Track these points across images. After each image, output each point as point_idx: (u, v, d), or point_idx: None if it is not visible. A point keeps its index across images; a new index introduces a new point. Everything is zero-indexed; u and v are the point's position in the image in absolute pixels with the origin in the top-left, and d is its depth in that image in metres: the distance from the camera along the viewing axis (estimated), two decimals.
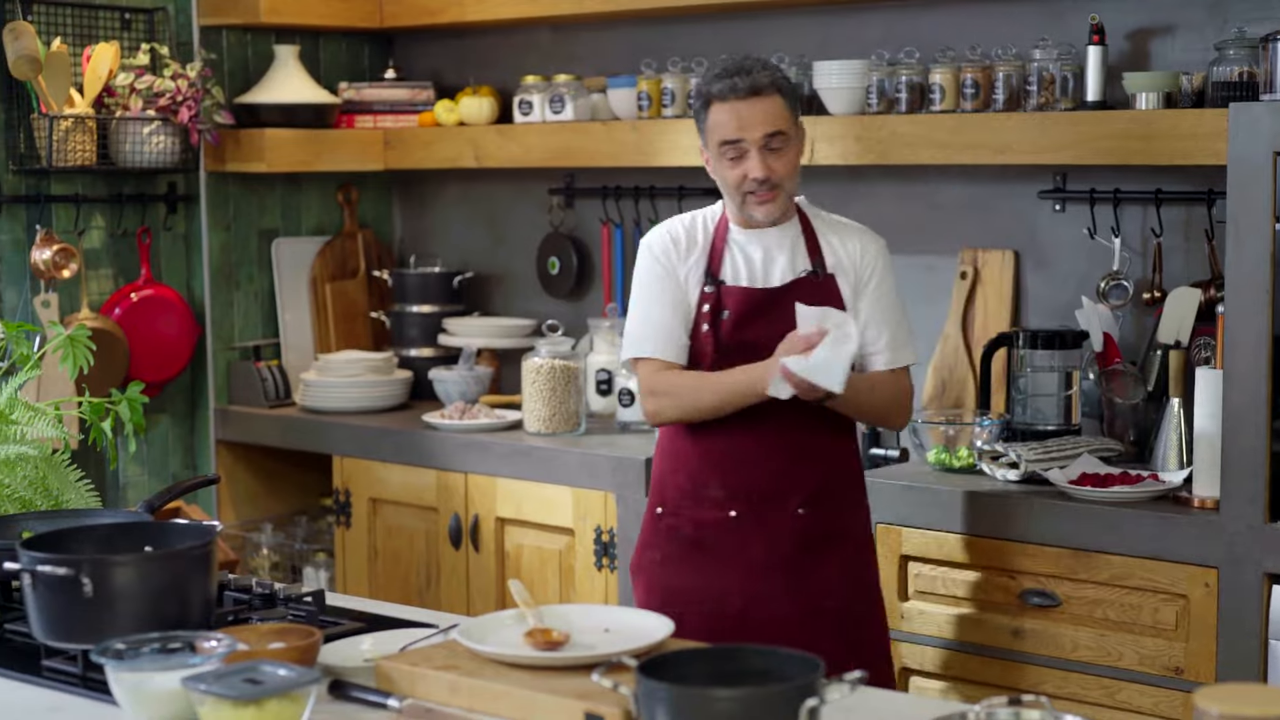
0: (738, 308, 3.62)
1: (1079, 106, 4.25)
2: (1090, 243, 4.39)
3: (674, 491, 3.67)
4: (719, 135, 3.58)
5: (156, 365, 5.32)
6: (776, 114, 3.58)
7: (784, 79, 3.63)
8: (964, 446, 4.14)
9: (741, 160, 3.58)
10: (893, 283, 3.71)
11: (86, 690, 2.53)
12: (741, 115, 3.57)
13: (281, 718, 2.24)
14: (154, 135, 5.17)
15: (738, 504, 3.60)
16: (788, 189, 3.61)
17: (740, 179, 3.58)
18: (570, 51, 5.43)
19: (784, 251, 3.65)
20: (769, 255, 3.65)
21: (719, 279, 3.64)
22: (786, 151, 3.59)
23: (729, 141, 3.57)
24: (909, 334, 3.74)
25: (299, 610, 2.91)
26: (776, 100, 3.59)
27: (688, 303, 3.66)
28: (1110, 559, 3.71)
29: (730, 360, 3.60)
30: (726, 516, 3.61)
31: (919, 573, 3.98)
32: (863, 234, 3.73)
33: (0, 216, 5.05)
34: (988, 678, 3.88)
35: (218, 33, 5.47)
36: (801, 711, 2.07)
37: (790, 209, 3.67)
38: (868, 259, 3.68)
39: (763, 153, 3.56)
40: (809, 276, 3.63)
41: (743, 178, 3.57)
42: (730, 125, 3.57)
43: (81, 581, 2.50)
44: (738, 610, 3.58)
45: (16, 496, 3.36)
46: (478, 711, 2.42)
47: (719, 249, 3.66)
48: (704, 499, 3.64)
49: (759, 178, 3.55)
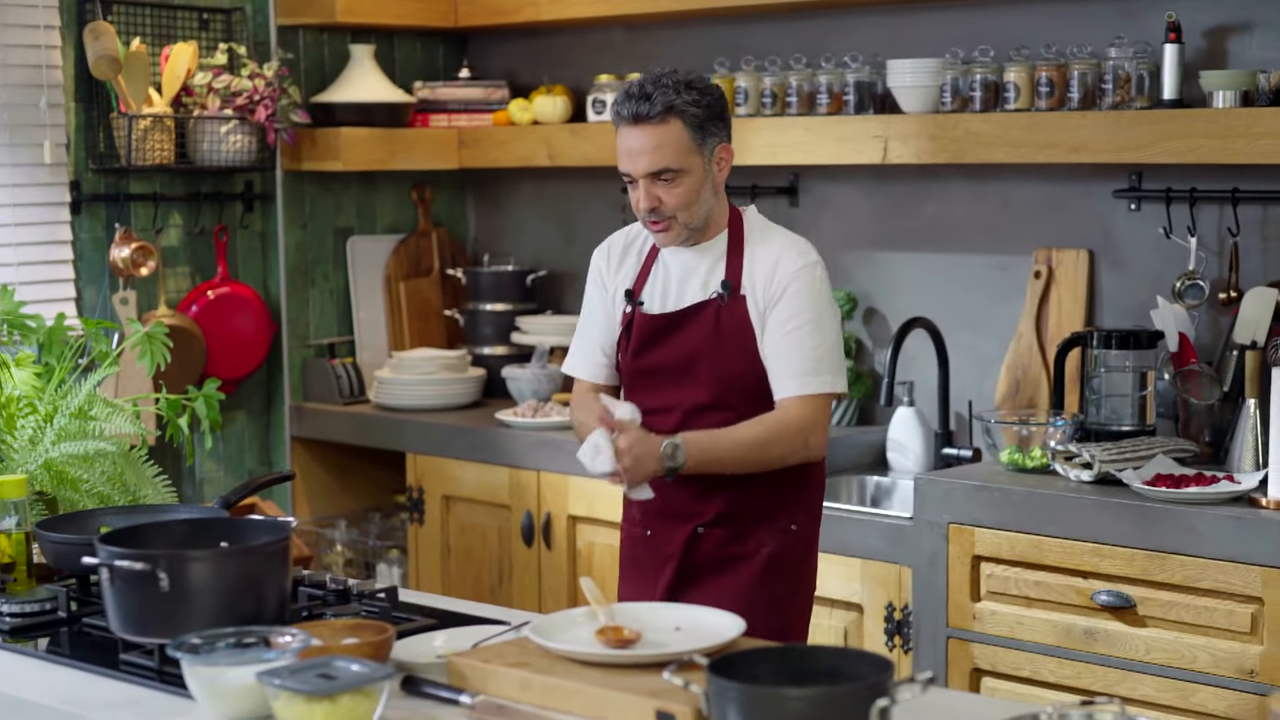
0: (640, 333, 3.47)
1: (1155, 105, 4.22)
2: (1166, 242, 4.36)
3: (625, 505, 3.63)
4: (619, 159, 3.42)
5: (233, 362, 5.37)
6: (666, 144, 3.33)
7: (687, 102, 3.34)
8: (1037, 447, 4.12)
9: (635, 187, 3.39)
10: (809, 302, 3.41)
11: (163, 684, 2.56)
12: (630, 145, 3.36)
13: (355, 713, 2.26)
14: (231, 134, 5.21)
15: (652, 522, 3.52)
16: (682, 219, 3.38)
17: (635, 205, 3.41)
18: (644, 50, 5.44)
19: (702, 271, 3.45)
20: (687, 274, 3.46)
21: (637, 299, 3.50)
22: (678, 183, 3.35)
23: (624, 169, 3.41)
24: (829, 360, 3.41)
25: (372, 606, 2.93)
26: (671, 128, 3.33)
27: (614, 319, 3.54)
28: (1185, 561, 3.68)
29: (635, 386, 3.50)
30: (644, 534, 3.54)
31: (991, 573, 3.96)
32: (786, 250, 3.45)
33: (80, 215, 5.10)
34: (1060, 679, 3.86)
35: (294, 32, 5.51)
36: (872, 711, 2.07)
37: (713, 228, 3.45)
38: (780, 277, 3.40)
39: (650, 182, 3.35)
40: (715, 299, 3.42)
41: (637, 204, 3.40)
42: (621, 153, 3.39)
43: (158, 576, 2.52)
44: None
45: (95, 492, 3.40)
46: (549, 709, 2.42)
47: (647, 266, 3.52)
48: (629, 516, 3.59)
49: (645, 209, 3.37)
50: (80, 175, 5.09)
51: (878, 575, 4.16)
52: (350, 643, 2.51)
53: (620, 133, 3.38)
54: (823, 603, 4.26)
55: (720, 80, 4.94)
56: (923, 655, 4.07)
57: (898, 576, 4.12)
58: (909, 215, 4.90)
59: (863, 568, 4.18)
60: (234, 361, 5.37)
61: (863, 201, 4.99)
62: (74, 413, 3.45)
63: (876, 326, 4.98)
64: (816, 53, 4.89)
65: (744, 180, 5.15)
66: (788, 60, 4.90)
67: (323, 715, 2.24)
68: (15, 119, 4.95)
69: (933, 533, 4.04)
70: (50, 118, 5.00)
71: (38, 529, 3.02)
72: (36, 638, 2.86)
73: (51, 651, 2.78)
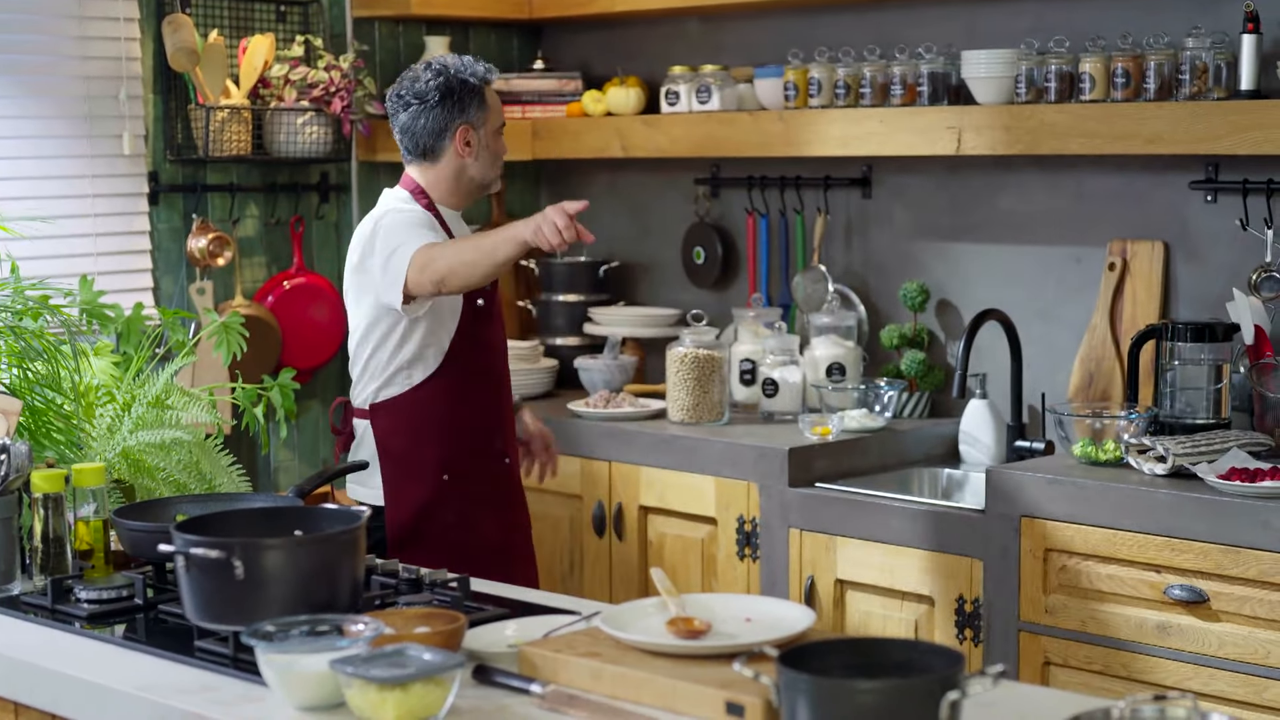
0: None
1: (1232, 96, 4.19)
2: (1242, 234, 4.33)
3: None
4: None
5: (308, 352, 5.40)
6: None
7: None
8: (1110, 440, 4.10)
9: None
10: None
11: (237, 671, 2.58)
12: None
13: (426, 701, 2.28)
14: (307, 125, 5.24)
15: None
16: None
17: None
18: (717, 41, 5.44)
19: None
20: None
21: None
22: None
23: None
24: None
25: (444, 595, 2.95)
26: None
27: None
28: (1259, 555, 3.66)
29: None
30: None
31: (1063, 566, 3.95)
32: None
33: (158, 205, 5.15)
34: (1132, 673, 3.84)
35: (370, 24, 5.54)
36: (943, 705, 2.07)
37: None
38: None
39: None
40: None
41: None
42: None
43: (233, 564, 2.54)
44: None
45: (171, 480, 3.44)
46: (619, 698, 2.43)
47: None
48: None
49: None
50: (158, 166, 5.14)
51: (949, 568, 4.15)
52: (422, 631, 2.52)
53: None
54: (893, 595, 4.27)
55: (794, 71, 4.94)
56: (994, 648, 4.06)
57: (969, 569, 4.11)
58: (982, 207, 4.88)
59: (934, 560, 4.18)
60: (309, 351, 5.41)
61: (936, 193, 4.98)
62: (151, 402, 3.49)
63: (949, 318, 4.97)
64: (890, 44, 4.88)
65: (818, 171, 5.15)
66: (861, 51, 4.90)
67: (394, 704, 2.25)
68: (95, 110, 5.00)
69: (1004, 525, 4.03)
70: (129, 109, 5.05)
71: (115, 516, 3.05)
72: (113, 624, 2.89)
73: (128, 638, 2.80)
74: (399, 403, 3.93)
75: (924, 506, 4.25)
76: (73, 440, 3.43)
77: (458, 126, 3.97)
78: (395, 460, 3.94)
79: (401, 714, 2.26)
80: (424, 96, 3.96)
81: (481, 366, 4.01)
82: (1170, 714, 2.11)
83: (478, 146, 4.00)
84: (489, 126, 4.02)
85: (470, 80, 3.98)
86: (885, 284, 5.09)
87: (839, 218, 5.19)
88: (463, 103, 3.97)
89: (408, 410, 3.93)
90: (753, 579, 4.55)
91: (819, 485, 4.46)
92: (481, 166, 4.02)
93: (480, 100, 4.00)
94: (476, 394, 3.99)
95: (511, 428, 4.11)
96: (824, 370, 4.90)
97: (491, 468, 4.03)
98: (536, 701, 2.43)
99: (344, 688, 2.30)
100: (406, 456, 3.93)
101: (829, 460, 4.55)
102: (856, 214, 5.16)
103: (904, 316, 5.01)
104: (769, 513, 4.49)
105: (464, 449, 3.97)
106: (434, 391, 3.92)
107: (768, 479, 4.50)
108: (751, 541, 4.54)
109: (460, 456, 3.96)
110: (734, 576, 4.59)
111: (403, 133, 4.00)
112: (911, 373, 4.90)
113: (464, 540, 3.93)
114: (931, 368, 4.92)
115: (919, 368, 4.89)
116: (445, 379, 3.93)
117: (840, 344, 4.95)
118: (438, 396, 3.93)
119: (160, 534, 2.80)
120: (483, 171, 4.03)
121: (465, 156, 3.99)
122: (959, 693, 2.08)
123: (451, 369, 3.93)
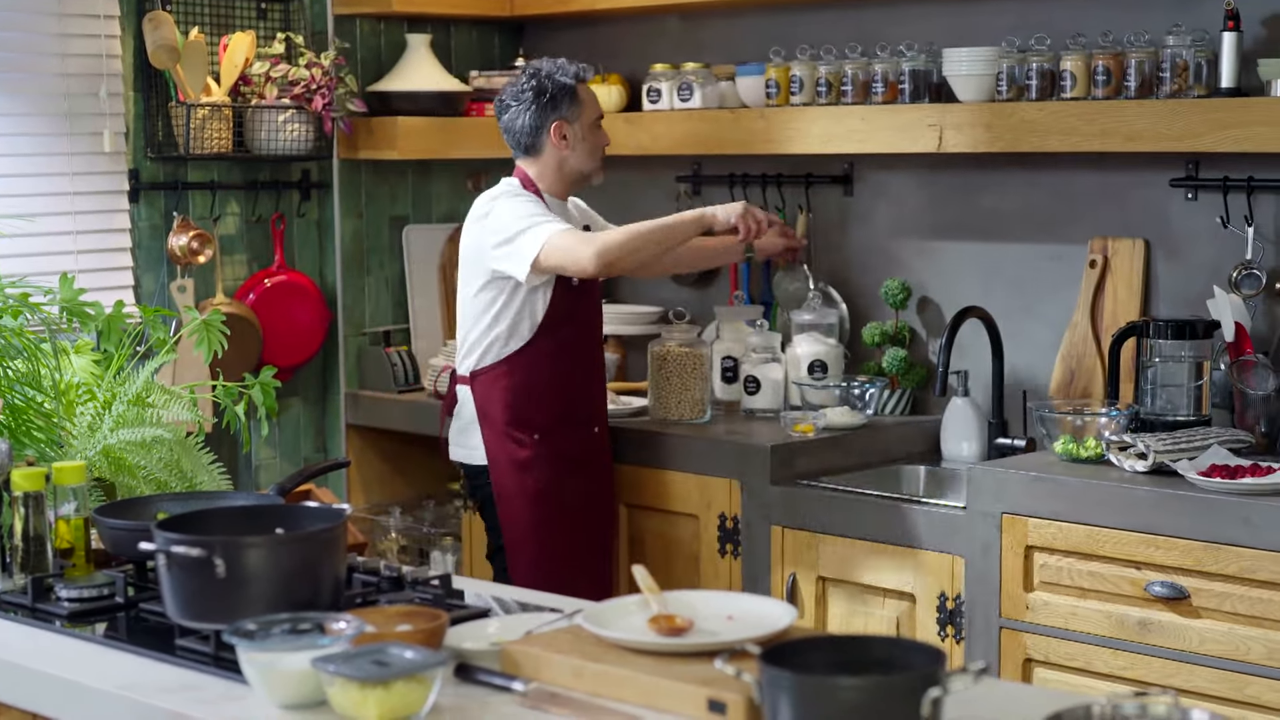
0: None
1: (1213, 94, 4.20)
2: (1223, 232, 4.34)
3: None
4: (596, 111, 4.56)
5: (289, 350, 5.40)
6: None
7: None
8: (1091, 437, 4.10)
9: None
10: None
11: (218, 669, 2.57)
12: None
13: (408, 699, 2.27)
14: (288, 123, 5.24)
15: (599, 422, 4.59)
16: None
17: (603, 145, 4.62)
18: (699, 39, 5.44)
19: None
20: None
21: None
22: None
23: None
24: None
25: (426, 593, 2.94)
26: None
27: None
28: (1240, 551, 3.67)
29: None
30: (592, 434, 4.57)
31: (1044, 563, 3.95)
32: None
33: (138, 203, 5.14)
34: (1113, 670, 3.85)
35: (351, 22, 5.53)
36: (925, 702, 2.07)
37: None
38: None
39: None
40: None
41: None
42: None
43: (214, 563, 2.54)
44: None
45: (151, 478, 3.43)
46: (601, 696, 2.43)
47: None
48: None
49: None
50: (139, 164, 5.13)
51: (931, 565, 4.16)
52: (404, 630, 2.52)
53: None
54: (875, 592, 4.27)
55: (775, 69, 4.94)
56: (975, 646, 4.06)
57: (950, 566, 4.12)
58: (964, 204, 4.89)
59: (916, 557, 4.18)
60: (290, 349, 5.41)
61: (917, 190, 4.99)
62: (132, 400, 3.48)
63: (930, 316, 4.97)
64: (872, 41, 4.88)
65: (799, 169, 5.15)
66: (843, 49, 4.90)
67: (376, 702, 2.25)
68: (75, 108, 4.99)
69: (986, 523, 4.03)
70: (109, 107, 5.04)
71: (96, 515, 3.05)
72: (94, 623, 2.88)
73: (109, 637, 2.80)
74: (495, 370, 4.41)
75: (906, 504, 4.25)
76: (53, 438, 3.42)
77: (553, 123, 4.44)
78: (492, 423, 4.43)
79: (383, 712, 2.26)
80: (520, 98, 4.47)
81: (571, 339, 4.47)
82: (1151, 711, 2.12)
83: (574, 140, 4.48)
84: (584, 121, 4.48)
85: (562, 79, 4.45)
86: (867, 281, 5.10)
87: (821, 215, 5.19)
88: (555, 100, 4.44)
89: (502, 377, 4.41)
90: (735, 576, 4.55)
91: (801, 483, 4.46)
92: (580, 157, 4.50)
93: (573, 97, 4.46)
94: (565, 364, 4.46)
95: (602, 398, 4.60)
96: (806, 368, 4.91)
97: (579, 434, 4.51)
98: (519, 699, 2.43)
99: (326, 686, 2.30)
100: (502, 419, 4.41)
101: (811, 458, 4.55)
102: (836, 212, 5.17)
103: (886, 314, 5.02)
104: (751, 510, 4.49)
105: (554, 414, 4.45)
106: (525, 361, 4.40)
107: (750, 476, 4.50)
108: (733, 539, 4.54)
109: (550, 421, 4.44)
110: (716, 574, 4.59)
111: (505, 131, 4.52)
112: (893, 370, 4.90)
113: (558, 499, 4.44)
114: (913, 365, 4.93)
115: (900, 365, 4.89)
116: (536, 350, 4.40)
117: (822, 341, 4.95)
118: (529, 365, 4.41)
119: (141, 532, 2.79)
120: (582, 162, 4.51)
121: (563, 150, 4.47)
122: (941, 690, 2.08)
123: (542, 341, 4.41)
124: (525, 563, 4.44)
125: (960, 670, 2.12)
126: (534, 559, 4.44)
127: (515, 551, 4.46)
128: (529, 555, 4.45)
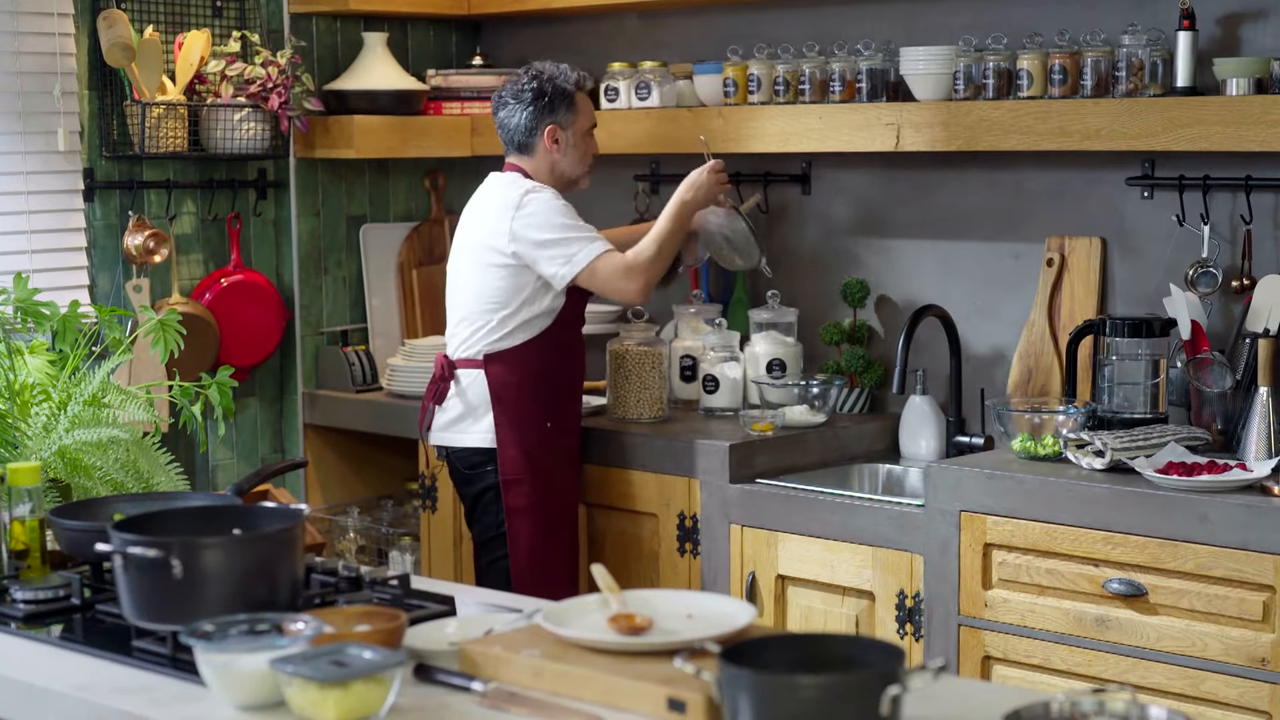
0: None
1: (1168, 93, 4.22)
2: (1179, 230, 4.36)
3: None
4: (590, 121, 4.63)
5: (246, 350, 5.38)
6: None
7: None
8: (1049, 434, 4.12)
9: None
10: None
11: (175, 670, 2.56)
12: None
13: (367, 700, 2.27)
14: (244, 122, 5.22)
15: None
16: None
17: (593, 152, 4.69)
18: (657, 38, 5.44)
19: None
20: None
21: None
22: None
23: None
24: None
25: (384, 594, 2.93)
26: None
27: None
28: (1196, 549, 3.68)
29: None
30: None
31: (1003, 561, 3.96)
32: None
33: (94, 202, 5.11)
34: (1071, 667, 3.86)
35: (308, 20, 5.51)
36: (884, 699, 2.07)
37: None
38: None
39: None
40: None
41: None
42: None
43: (171, 563, 2.53)
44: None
45: (108, 479, 3.41)
46: (561, 695, 2.43)
47: None
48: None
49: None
50: (94, 163, 5.10)
51: (889, 563, 4.16)
52: (362, 630, 2.51)
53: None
54: (834, 590, 4.28)
55: (733, 68, 4.94)
56: (934, 643, 4.07)
57: (909, 564, 4.13)
58: (921, 203, 4.90)
59: (874, 555, 4.19)
60: (247, 349, 5.39)
61: (875, 189, 4.99)
62: (87, 400, 3.46)
63: (888, 314, 4.98)
64: (829, 40, 4.89)
65: (757, 168, 5.15)
66: (800, 48, 4.90)
67: (335, 702, 2.24)
68: (29, 107, 4.96)
69: (944, 520, 4.04)
70: (64, 105, 5.02)
71: (51, 516, 3.03)
72: (50, 624, 2.86)
73: (65, 638, 2.78)
74: (513, 354, 4.47)
75: (864, 502, 4.26)
76: (7, 439, 3.40)
77: (547, 125, 4.52)
78: (505, 406, 4.48)
79: (342, 712, 2.25)
80: (519, 96, 4.55)
81: (576, 333, 4.61)
82: (1109, 707, 2.13)
83: (565, 145, 4.56)
84: (577, 128, 4.58)
85: (562, 85, 4.54)
86: (825, 280, 5.10)
87: (778, 214, 5.20)
88: (553, 104, 4.52)
89: (519, 363, 4.47)
90: (694, 575, 4.55)
91: (760, 481, 4.46)
92: (570, 163, 4.59)
93: (570, 103, 4.55)
94: (572, 355, 4.60)
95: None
96: (764, 366, 4.91)
97: (576, 426, 4.64)
98: (478, 699, 2.43)
99: (284, 686, 2.29)
100: (516, 403, 4.48)
101: (770, 456, 4.55)
102: (795, 210, 5.17)
103: (844, 312, 5.02)
104: (710, 509, 4.50)
105: (563, 402, 4.56)
106: (542, 348, 4.49)
107: (709, 475, 4.50)
108: (692, 537, 4.54)
109: (560, 409, 4.55)
110: (675, 572, 4.59)
111: (500, 127, 4.60)
112: (851, 368, 4.91)
113: (560, 486, 4.54)
114: (871, 363, 4.93)
115: (859, 363, 4.90)
116: (551, 339, 4.50)
117: (780, 340, 4.95)
118: (544, 353, 4.50)
119: (98, 533, 2.78)
120: (571, 167, 4.59)
121: (555, 153, 4.55)
122: (900, 688, 2.09)
123: (556, 331, 4.51)
124: (524, 549, 4.48)
125: (919, 668, 2.13)
126: (532, 546, 4.49)
127: (516, 538, 4.49)
128: (528, 543, 4.50)
